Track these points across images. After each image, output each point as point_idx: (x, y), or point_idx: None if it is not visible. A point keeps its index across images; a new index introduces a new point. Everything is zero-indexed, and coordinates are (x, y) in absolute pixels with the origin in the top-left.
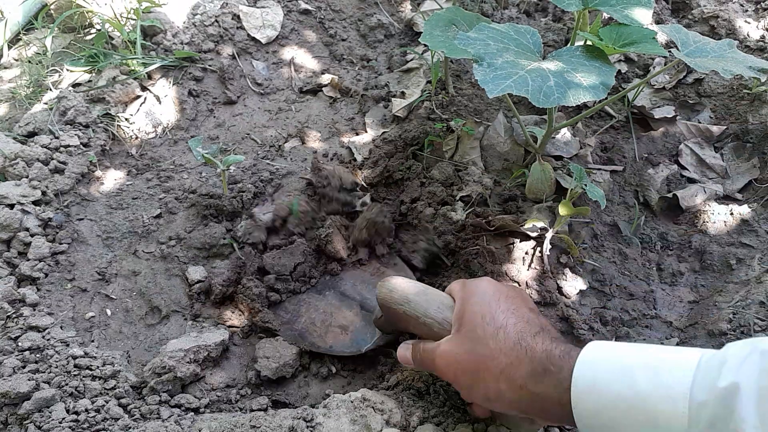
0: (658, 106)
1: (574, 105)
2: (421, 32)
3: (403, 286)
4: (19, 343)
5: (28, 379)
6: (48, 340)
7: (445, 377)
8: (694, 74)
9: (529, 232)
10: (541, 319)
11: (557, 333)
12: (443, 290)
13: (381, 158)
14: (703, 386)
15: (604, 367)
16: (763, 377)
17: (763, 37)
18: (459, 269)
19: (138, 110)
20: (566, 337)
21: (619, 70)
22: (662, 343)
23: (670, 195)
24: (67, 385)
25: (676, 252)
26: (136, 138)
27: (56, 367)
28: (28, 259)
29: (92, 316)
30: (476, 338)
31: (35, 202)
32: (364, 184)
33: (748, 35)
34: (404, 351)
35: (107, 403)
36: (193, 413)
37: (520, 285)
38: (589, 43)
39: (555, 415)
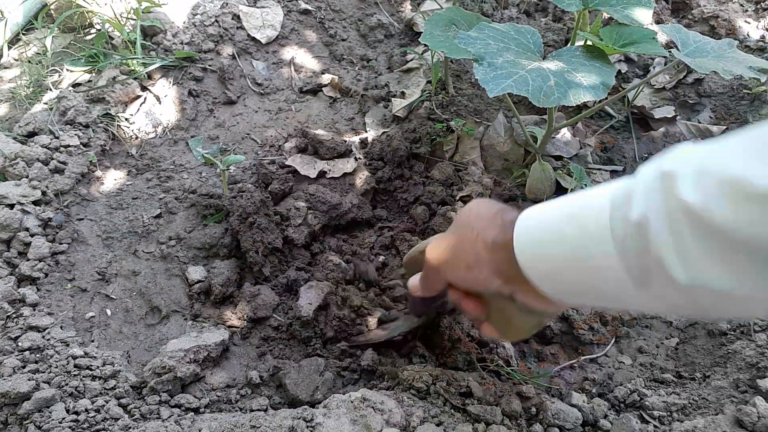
0: (658, 106)
1: (575, 105)
2: (421, 32)
3: (424, 241)
4: (19, 343)
5: (28, 379)
6: (48, 340)
7: (436, 268)
8: (694, 74)
9: None
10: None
11: None
12: None
13: (381, 158)
14: (620, 223)
15: (536, 227)
16: (670, 199)
17: (763, 37)
18: None
19: (138, 110)
20: (565, 337)
21: (619, 70)
22: (662, 343)
23: None
24: (67, 385)
25: None
26: (136, 138)
27: (56, 367)
28: (28, 259)
29: (92, 316)
30: (460, 223)
31: (35, 202)
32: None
33: (748, 35)
34: (412, 279)
35: (107, 403)
36: (193, 413)
37: None
38: (589, 43)
39: (518, 268)
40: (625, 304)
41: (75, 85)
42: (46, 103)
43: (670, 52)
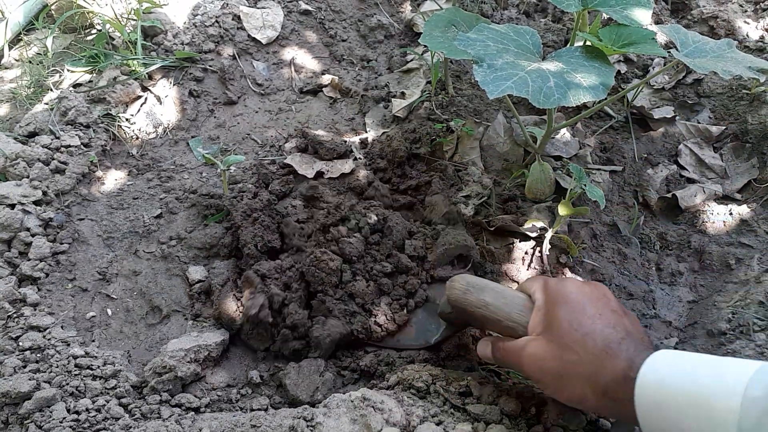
0: (658, 107)
1: (574, 105)
2: (421, 33)
3: (476, 285)
4: (20, 343)
5: (29, 379)
6: (49, 339)
7: (530, 376)
8: (694, 74)
9: (528, 232)
10: (625, 320)
11: (642, 332)
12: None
13: (381, 159)
14: (760, 383)
15: (670, 365)
16: None
17: (762, 37)
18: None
19: (139, 110)
20: None
21: (619, 71)
22: (661, 343)
23: (669, 195)
24: (67, 384)
25: (676, 252)
26: (137, 138)
27: (57, 367)
28: (29, 259)
29: (93, 316)
30: (564, 345)
31: (36, 202)
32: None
33: (747, 35)
34: (484, 348)
35: (108, 402)
36: (193, 413)
37: (603, 286)
38: (588, 43)
39: (627, 416)
40: None
41: (76, 85)
42: (46, 104)
43: (669, 52)
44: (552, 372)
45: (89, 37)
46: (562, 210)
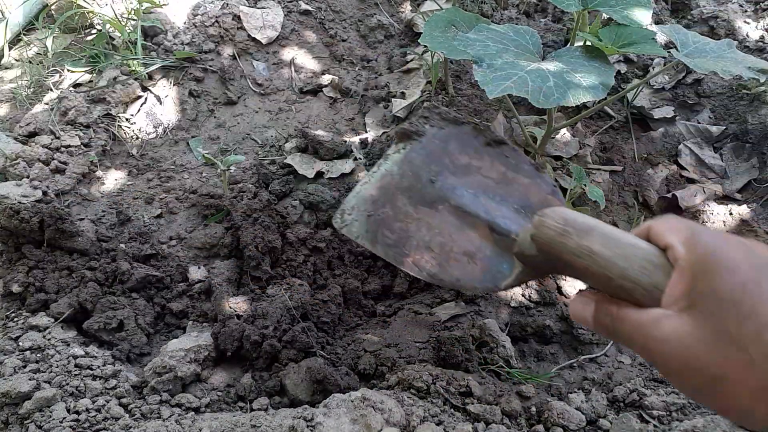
0: (658, 107)
1: (574, 105)
2: (421, 33)
3: (579, 226)
4: (20, 343)
5: (29, 379)
6: (49, 339)
7: (662, 367)
8: (694, 75)
9: None
10: None
11: None
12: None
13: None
14: None
15: None
16: None
17: (762, 37)
18: None
19: (139, 110)
20: (565, 336)
21: (619, 71)
22: None
23: (669, 195)
24: (67, 384)
25: None
26: (137, 138)
27: (57, 367)
28: None
29: None
30: (727, 335)
31: (36, 202)
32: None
33: (747, 36)
34: (583, 308)
35: (108, 402)
36: (193, 412)
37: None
38: (588, 43)
39: None
40: None
41: (76, 85)
42: (46, 104)
43: (669, 52)
44: (705, 372)
45: (89, 37)
46: None
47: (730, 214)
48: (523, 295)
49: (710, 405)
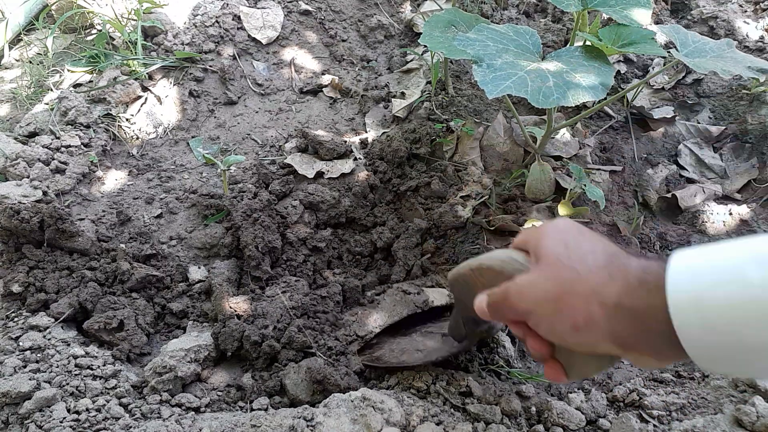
0: (658, 107)
1: (573, 105)
2: (421, 33)
3: (467, 262)
4: (20, 343)
5: (29, 379)
6: (49, 339)
7: (521, 311)
8: (693, 74)
9: None
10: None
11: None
12: None
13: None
14: None
15: (703, 268)
16: None
17: (761, 37)
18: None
19: (139, 110)
20: None
21: (619, 71)
22: None
23: (669, 195)
24: (68, 384)
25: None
26: (137, 138)
27: (57, 367)
28: None
29: None
30: (561, 264)
31: (37, 202)
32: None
33: (747, 35)
34: (480, 301)
35: (108, 402)
36: (193, 412)
37: None
38: (588, 43)
39: (654, 336)
40: None
41: (76, 85)
42: (47, 104)
43: (669, 52)
44: (547, 296)
45: (89, 38)
46: (562, 210)
47: (730, 214)
48: None
49: (563, 326)
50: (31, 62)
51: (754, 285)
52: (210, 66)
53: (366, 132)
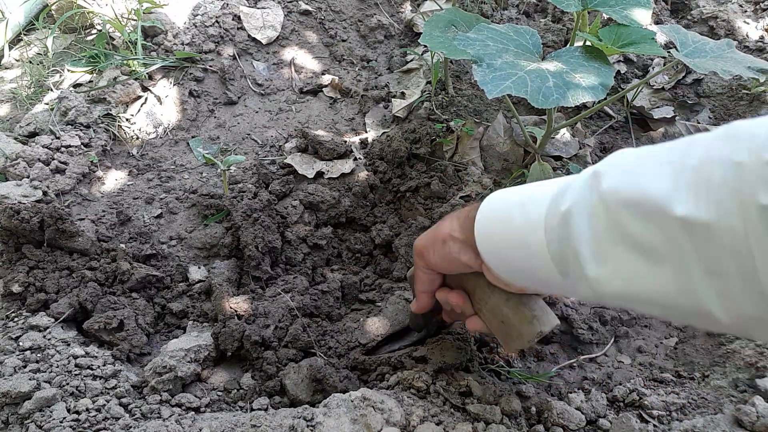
0: (658, 107)
1: (573, 105)
2: (421, 33)
3: None
4: (20, 343)
5: (29, 379)
6: (49, 339)
7: (419, 256)
8: (693, 75)
9: None
10: None
11: None
12: None
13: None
14: (553, 213)
15: (493, 213)
16: (593, 194)
17: (761, 37)
18: None
19: (139, 110)
20: (565, 336)
21: (619, 71)
22: (661, 343)
23: None
24: (68, 384)
25: None
26: (137, 138)
27: (57, 367)
28: None
29: None
30: (438, 222)
31: (37, 202)
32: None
33: (747, 36)
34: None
35: (108, 402)
36: (193, 412)
37: None
38: (588, 43)
39: (475, 254)
40: (557, 291)
41: (76, 85)
42: (47, 104)
43: (669, 52)
44: (428, 239)
45: (89, 38)
46: None
47: None
48: None
49: (441, 261)
50: (31, 62)
51: (515, 229)
52: (210, 66)
53: (366, 132)
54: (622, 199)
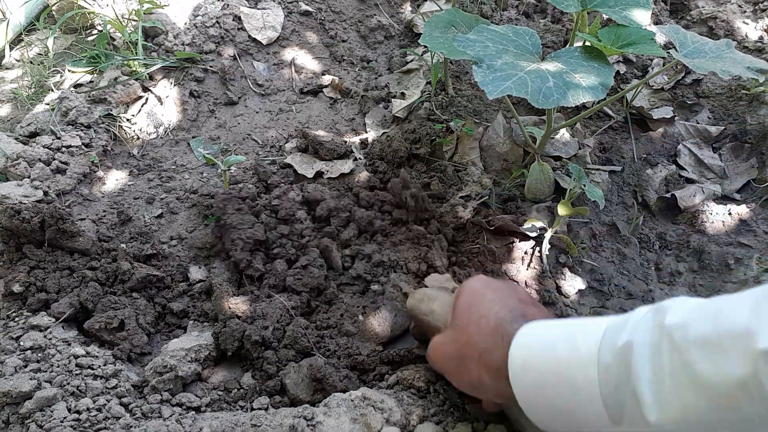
0: (657, 107)
1: (573, 106)
2: (421, 33)
3: (430, 296)
4: (21, 343)
5: (30, 379)
6: (50, 339)
7: (437, 368)
8: (693, 75)
9: (528, 232)
10: (529, 308)
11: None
12: None
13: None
14: (608, 348)
15: (533, 345)
16: (656, 332)
17: (761, 37)
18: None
19: (139, 111)
20: None
21: (618, 71)
22: None
23: (668, 195)
24: (68, 384)
25: (675, 252)
26: (138, 138)
27: (58, 367)
28: None
29: None
30: (460, 327)
31: (37, 203)
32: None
33: (746, 36)
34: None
35: (109, 402)
36: (194, 412)
37: (519, 284)
38: (587, 44)
39: None
40: None
41: (77, 85)
42: (47, 104)
43: (668, 52)
44: (451, 356)
45: (90, 38)
46: (561, 210)
47: (729, 214)
48: None
49: (462, 384)
50: (31, 62)
51: (560, 366)
52: (210, 66)
53: (366, 132)
54: (692, 335)
